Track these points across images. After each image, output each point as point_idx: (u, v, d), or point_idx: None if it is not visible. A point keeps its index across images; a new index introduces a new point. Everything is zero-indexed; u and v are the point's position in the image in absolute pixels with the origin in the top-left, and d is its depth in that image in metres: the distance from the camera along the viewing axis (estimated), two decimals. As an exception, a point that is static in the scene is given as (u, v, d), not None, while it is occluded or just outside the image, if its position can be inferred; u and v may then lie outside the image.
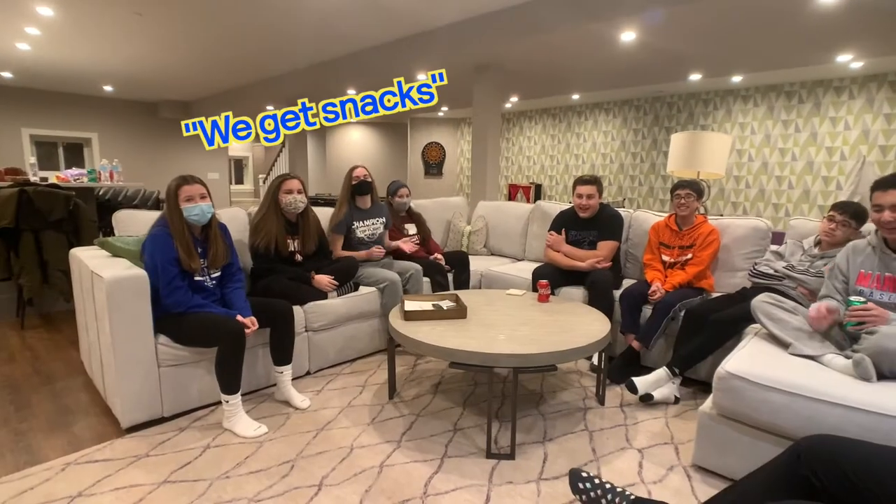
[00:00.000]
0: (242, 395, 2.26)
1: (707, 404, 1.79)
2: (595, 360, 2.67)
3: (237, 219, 2.77)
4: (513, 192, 8.53)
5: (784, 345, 1.85)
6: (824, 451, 1.17)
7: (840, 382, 1.55)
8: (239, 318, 2.06)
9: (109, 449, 1.89)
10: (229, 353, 1.98)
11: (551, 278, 2.84)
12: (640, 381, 2.28)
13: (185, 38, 5.39)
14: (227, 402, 2.02)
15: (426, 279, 3.13)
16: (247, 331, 2.04)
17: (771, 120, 6.53)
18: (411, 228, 3.47)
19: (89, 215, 3.66)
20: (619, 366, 2.58)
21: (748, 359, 1.74)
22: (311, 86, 6.69)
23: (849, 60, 5.07)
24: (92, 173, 4.85)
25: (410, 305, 2.36)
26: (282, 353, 2.26)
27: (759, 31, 4.06)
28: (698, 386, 2.50)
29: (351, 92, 7.29)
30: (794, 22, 3.79)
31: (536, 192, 8.55)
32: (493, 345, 1.90)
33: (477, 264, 3.58)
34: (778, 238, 2.76)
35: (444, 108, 9.05)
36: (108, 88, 8.45)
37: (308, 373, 2.64)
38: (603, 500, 1.37)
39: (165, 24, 4.91)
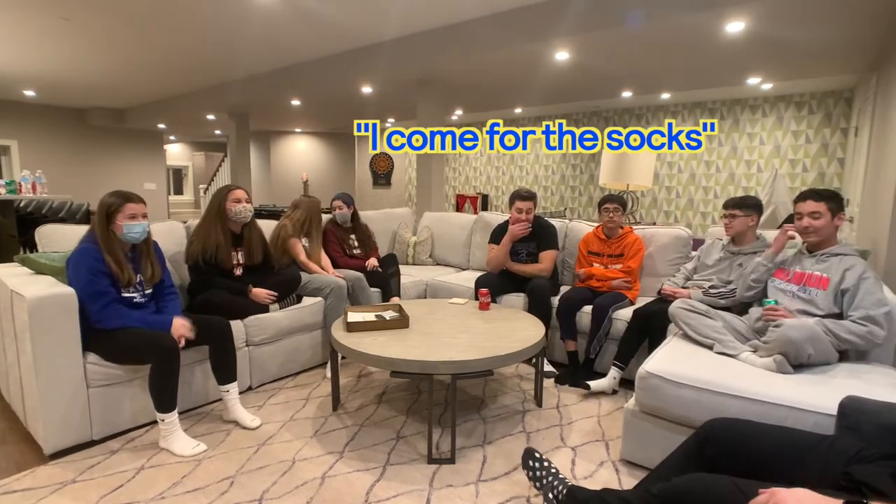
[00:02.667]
0: (180, 413, 2.20)
1: (631, 402, 1.93)
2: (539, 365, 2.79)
3: (174, 232, 2.70)
4: (460, 203, 8.68)
5: (707, 346, 2.01)
6: (722, 431, 1.33)
7: (741, 377, 1.72)
8: (175, 320, 2.02)
9: (30, 478, 1.79)
10: (163, 370, 1.93)
11: (493, 287, 2.95)
12: (594, 384, 2.53)
13: (117, 46, 5.16)
14: (163, 420, 1.97)
15: (375, 290, 3.16)
16: (180, 336, 1.99)
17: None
18: (354, 241, 3.48)
19: (8, 230, 3.44)
20: (570, 372, 2.75)
21: (665, 358, 1.90)
22: (252, 96, 6.57)
23: (758, 82, 5.58)
24: (11, 184, 4.53)
25: (353, 317, 2.39)
26: (224, 370, 2.20)
27: (678, 55, 4.42)
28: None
29: (295, 103, 7.21)
30: (707, 47, 4.17)
31: (483, 203, 8.76)
32: (433, 352, 1.96)
33: (423, 274, 3.64)
34: (700, 245, 3.00)
35: (391, 120, 9.11)
36: (29, 93, 7.91)
37: (250, 388, 2.59)
38: (544, 480, 1.54)
39: (95, 30, 4.68)
